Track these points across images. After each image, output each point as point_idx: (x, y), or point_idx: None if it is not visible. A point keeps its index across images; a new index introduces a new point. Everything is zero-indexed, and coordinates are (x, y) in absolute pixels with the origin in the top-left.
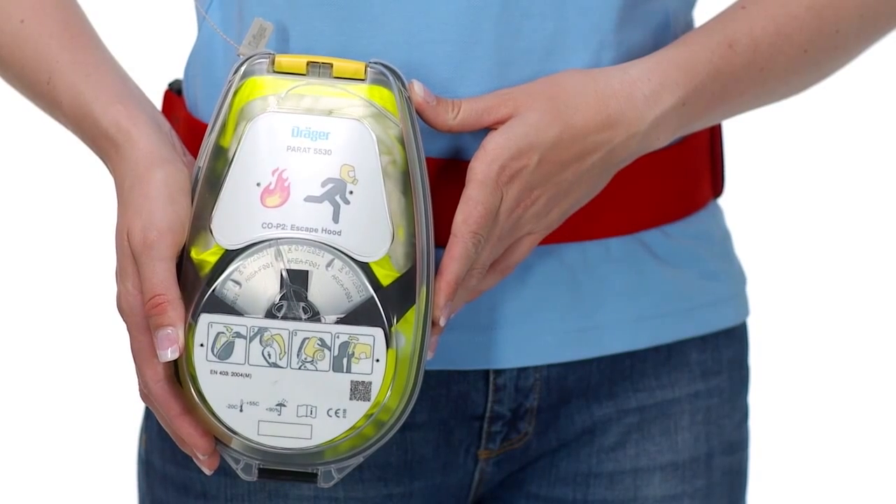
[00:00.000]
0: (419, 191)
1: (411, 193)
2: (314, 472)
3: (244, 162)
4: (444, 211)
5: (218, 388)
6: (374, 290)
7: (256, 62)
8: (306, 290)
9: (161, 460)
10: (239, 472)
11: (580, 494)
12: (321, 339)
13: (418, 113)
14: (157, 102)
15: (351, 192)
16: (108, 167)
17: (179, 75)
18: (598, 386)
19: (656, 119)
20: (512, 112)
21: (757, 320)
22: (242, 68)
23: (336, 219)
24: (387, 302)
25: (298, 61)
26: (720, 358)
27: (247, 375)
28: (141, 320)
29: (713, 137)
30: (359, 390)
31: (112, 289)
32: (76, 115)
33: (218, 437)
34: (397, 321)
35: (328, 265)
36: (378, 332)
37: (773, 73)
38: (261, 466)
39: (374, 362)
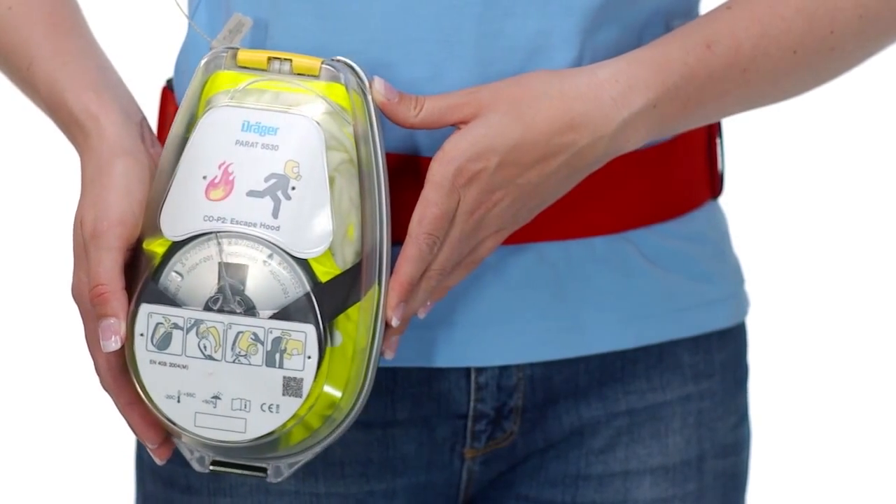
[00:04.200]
0: (374, 189)
1: (368, 191)
2: (264, 466)
3: (193, 154)
4: (408, 209)
5: (157, 378)
6: (310, 286)
7: (220, 56)
8: (243, 284)
9: (149, 454)
10: (193, 464)
11: (569, 497)
12: (255, 334)
13: (380, 110)
14: (157, 98)
15: (293, 189)
16: (78, 155)
17: None
18: (587, 387)
19: (625, 121)
20: (475, 112)
21: (757, 320)
22: (202, 62)
23: (276, 214)
24: (324, 299)
25: (259, 56)
26: (713, 360)
27: (184, 367)
28: (91, 309)
29: (710, 137)
30: (291, 386)
31: None
32: (51, 103)
33: (167, 429)
34: (336, 318)
35: (266, 260)
36: (310, 329)
37: (759, 74)
38: (214, 459)
39: (306, 359)
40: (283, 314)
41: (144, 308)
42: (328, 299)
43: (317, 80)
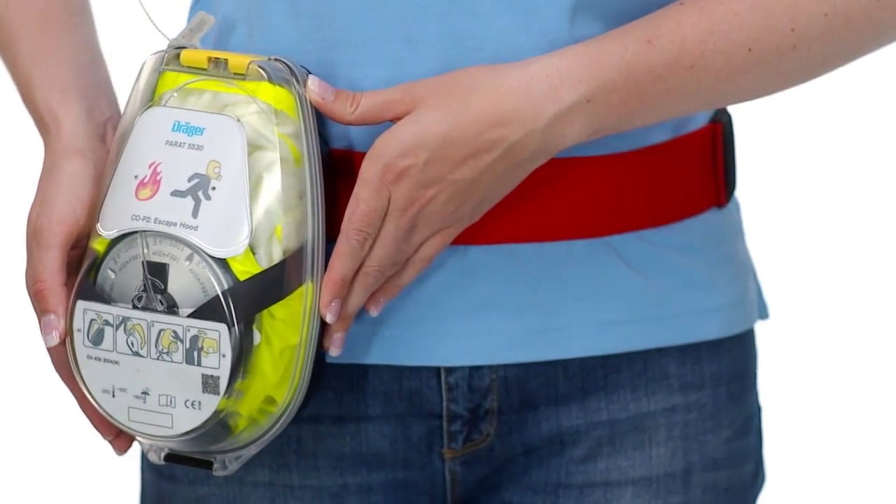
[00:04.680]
0: (306, 188)
1: (301, 190)
2: (210, 461)
3: (129, 154)
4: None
5: (94, 372)
6: (227, 285)
7: (165, 56)
8: (165, 283)
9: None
10: (150, 456)
11: None
12: (174, 332)
13: (317, 108)
14: None
15: (213, 188)
16: None
17: None
18: (568, 394)
19: (556, 115)
20: (410, 108)
21: (768, 323)
22: (145, 62)
23: (195, 214)
24: (240, 298)
25: (200, 56)
26: (702, 372)
27: (115, 362)
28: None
29: (715, 144)
30: (209, 384)
31: None
32: (25, 99)
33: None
34: (258, 316)
35: (187, 259)
36: (223, 328)
37: (710, 72)
38: (167, 452)
39: (221, 357)
40: (199, 313)
41: (80, 305)
42: (245, 298)
43: (250, 79)
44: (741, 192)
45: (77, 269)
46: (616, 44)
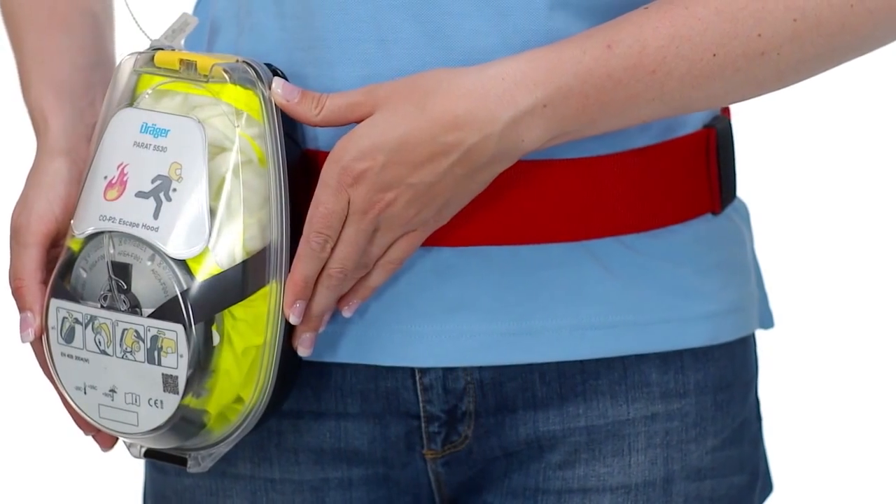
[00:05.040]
0: (271, 190)
1: (266, 192)
2: (186, 456)
3: (100, 154)
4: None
5: (67, 369)
6: (185, 286)
7: (139, 58)
8: (128, 283)
9: None
10: (131, 451)
11: None
12: (136, 332)
13: (282, 110)
14: None
15: (174, 190)
16: None
17: None
18: (546, 399)
19: (513, 119)
20: (371, 110)
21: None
22: (120, 64)
23: (156, 215)
24: (199, 299)
25: (172, 58)
26: (685, 380)
27: (86, 360)
28: None
29: (708, 151)
30: (169, 383)
31: None
32: (24, 98)
33: None
34: (218, 316)
35: (150, 259)
36: (179, 329)
37: (674, 77)
38: (147, 448)
39: (179, 357)
40: (158, 313)
41: (54, 303)
42: (203, 299)
43: (215, 81)
44: (748, 196)
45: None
46: (575, 48)
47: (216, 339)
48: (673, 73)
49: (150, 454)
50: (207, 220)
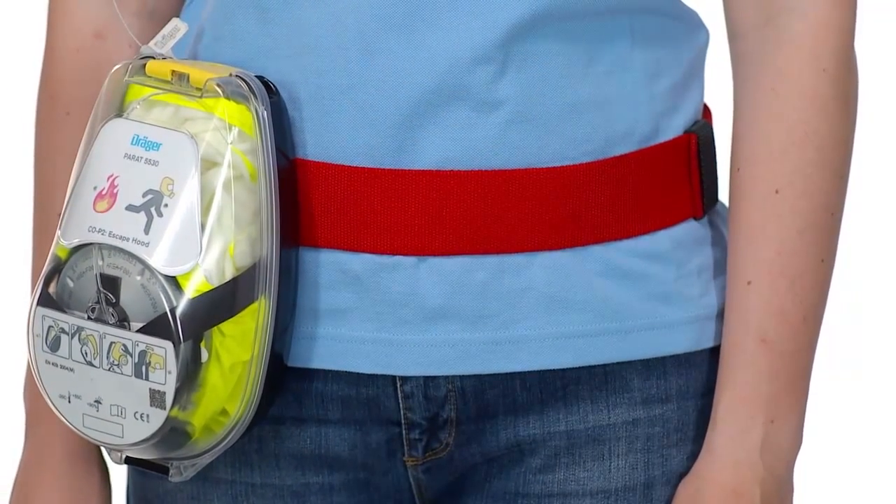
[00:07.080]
0: (261, 205)
1: (256, 207)
2: (167, 465)
3: (90, 164)
4: (306, 214)
5: (51, 377)
6: (175, 302)
7: (131, 66)
8: (117, 296)
9: None
10: (112, 456)
11: None
12: (124, 345)
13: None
14: None
15: (166, 205)
16: None
17: None
18: (527, 404)
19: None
20: None
21: None
22: (112, 72)
23: (147, 230)
24: (189, 316)
25: (164, 68)
26: (667, 386)
27: (71, 370)
28: None
29: (690, 156)
30: (156, 398)
31: None
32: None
33: None
34: (208, 333)
35: (139, 274)
36: (169, 346)
37: (817, 313)
38: (127, 455)
39: (167, 373)
40: (148, 328)
41: (39, 311)
42: (193, 316)
43: (208, 96)
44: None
45: None
46: (751, 384)
47: (204, 356)
48: (816, 311)
49: (131, 461)
50: (199, 238)
